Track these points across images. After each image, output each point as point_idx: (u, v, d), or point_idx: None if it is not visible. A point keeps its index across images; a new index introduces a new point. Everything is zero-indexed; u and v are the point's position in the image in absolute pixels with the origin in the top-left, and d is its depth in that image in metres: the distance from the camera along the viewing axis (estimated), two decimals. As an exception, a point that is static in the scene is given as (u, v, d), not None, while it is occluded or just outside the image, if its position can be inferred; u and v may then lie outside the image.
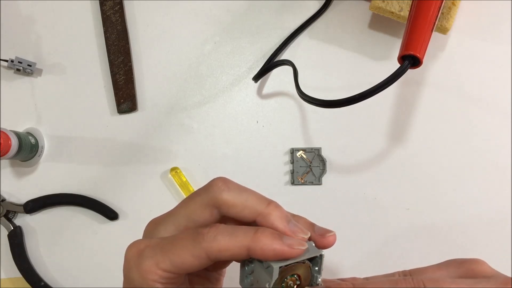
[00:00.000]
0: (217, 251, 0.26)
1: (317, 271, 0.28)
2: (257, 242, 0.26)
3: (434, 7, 0.41)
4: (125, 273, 0.29)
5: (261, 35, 0.53)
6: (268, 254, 0.26)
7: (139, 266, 0.28)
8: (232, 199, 0.28)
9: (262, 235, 0.26)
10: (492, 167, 0.50)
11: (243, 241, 0.26)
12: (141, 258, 0.28)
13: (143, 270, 0.27)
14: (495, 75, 0.51)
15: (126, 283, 0.29)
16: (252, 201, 0.28)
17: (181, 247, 0.27)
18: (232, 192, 0.28)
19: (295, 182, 0.50)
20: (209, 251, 0.26)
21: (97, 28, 0.54)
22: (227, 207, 0.28)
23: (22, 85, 0.53)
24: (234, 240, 0.26)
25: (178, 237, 0.28)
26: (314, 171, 0.50)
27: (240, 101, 0.52)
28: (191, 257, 0.27)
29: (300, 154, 0.50)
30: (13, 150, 0.47)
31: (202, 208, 0.28)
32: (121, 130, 0.52)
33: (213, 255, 0.26)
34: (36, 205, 0.51)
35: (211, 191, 0.28)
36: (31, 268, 0.50)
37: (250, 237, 0.26)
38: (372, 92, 0.38)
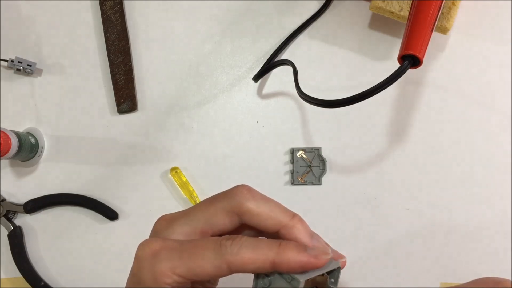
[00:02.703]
0: (240, 264, 0.26)
1: (333, 282, 0.28)
2: (282, 255, 0.25)
3: (434, 7, 0.41)
4: (135, 272, 0.28)
5: (261, 35, 0.53)
6: (294, 266, 0.25)
7: (153, 267, 0.27)
8: (257, 208, 0.27)
9: (287, 248, 0.25)
10: (492, 167, 0.50)
11: (268, 254, 0.25)
12: (156, 259, 0.27)
13: (158, 272, 0.27)
14: (495, 75, 0.51)
15: (134, 282, 0.28)
16: (277, 212, 0.27)
17: (202, 256, 0.26)
18: (257, 201, 0.27)
19: (295, 182, 0.50)
20: (232, 264, 0.26)
21: (97, 28, 0.54)
22: (251, 215, 0.27)
23: (22, 85, 0.53)
24: (258, 253, 0.26)
25: (198, 244, 0.27)
26: (314, 171, 0.50)
27: (240, 101, 0.52)
28: (211, 267, 0.26)
29: (300, 154, 0.50)
30: (13, 150, 0.47)
31: (223, 214, 0.28)
32: (121, 130, 0.52)
33: (235, 268, 0.26)
34: (36, 205, 0.51)
35: (236, 198, 0.27)
36: (31, 268, 0.50)
37: (275, 250, 0.25)
38: (372, 92, 0.38)
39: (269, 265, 0.25)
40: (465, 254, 0.49)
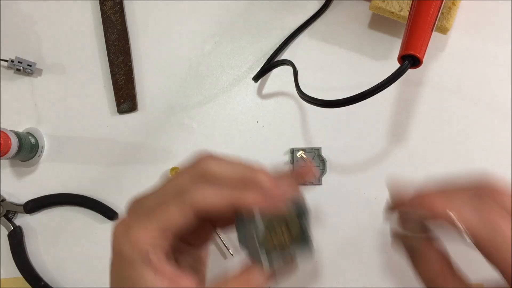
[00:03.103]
0: (202, 204, 0.26)
1: (305, 223, 0.29)
2: (242, 195, 0.27)
3: (434, 7, 0.41)
4: (116, 250, 0.29)
5: (261, 35, 0.53)
6: (252, 207, 0.27)
7: (128, 236, 0.28)
8: (219, 170, 0.28)
9: (247, 189, 0.27)
10: (492, 167, 0.50)
11: (229, 194, 0.27)
12: (128, 229, 0.28)
13: (133, 238, 0.28)
14: (495, 75, 0.51)
15: (117, 261, 0.29)
16: (240, 167, 0.28)
17: (166, 205, 0.27)
18: (218, 162, 0.28)
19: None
20: (194, 204, 0.27)
21: (97, 28, 0.54)
22: (214, 175, 0.28)
23: (22, 85, 0.53)
24: (220, 193, 0.27)
25: (162, 197, 0.28)
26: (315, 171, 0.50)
27: (240, 101, 0.52)
28: (177, 213, 0.27)
29: (300, 154, 0.50)
30: (13, 150, 0.47)
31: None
32: (121, 130, 0.52)
33: (198, 208, 0.27)
34: (36, 205, 0.51)
35: (198, 167, 0.28)
36: (31, 268, 0.50)
37: (236, 191, 0.27)
38: (372, 92, 0.38)
39: (229, 205, 0.27)
40: (466, 253, 0.49)
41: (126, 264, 0.28)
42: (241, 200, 0.27)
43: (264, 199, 0.27)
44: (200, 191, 0.27)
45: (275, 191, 0.28)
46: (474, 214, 0.29)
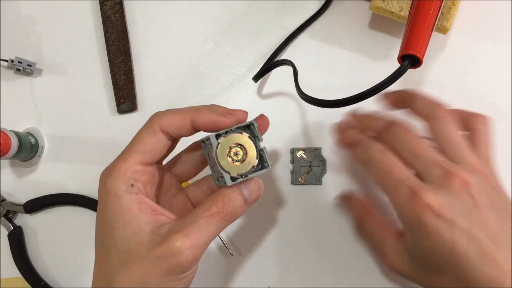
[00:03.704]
0: (167, 122, 0.33)
1: (257, 138, 0.33)
2: (198, 114, 0.33)
3: (434, 7, 0.41)
4: (101, 187, 0.32)
5: (261, 35, 0.53)
6: (206, 122, 0.32)
7: (112, 173, 0.32)
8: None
9: (202, 109, 0.33)
10: (492, 167, 0.50)
11: (188, 114, 0.33)
12: (112, 167, 0.32)
13: (116, 172, 0.31)
14: (495, 75, 0.51)
15: (103, 196, 0.32)
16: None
17: (137, 136, 0.33)
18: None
19: (295, 182, 0.50)
20: (161, 124, 0.33)
21: (97, 28, 0.54)
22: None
23: (22, 85, 0.53)
24: (180, 114, 0.33)
25: (138, 132, 0.34)
26: (314, 171, 0.50)
27: (240, 101, 0.52)
28: (149, 135, 0.33)
29: (300, 154, 0.50)
30: (13, 150, 0.47)
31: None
32: (121, 130, 0.52)
33: (164, 127, 0.33)
34: (36, 205, 0.51)
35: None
36: (31, 268, 0.50)
37: (193, 111, 0.33)
38: (372, 92, 0.38)
39: (189, 122, 0.33)
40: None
41: (111, 196, 0.31)
42: (198, 115, 0.32)
43: (216, 115, 0.32)
44: (165, 115, 0.33)
45: (226, 112, 0.34)
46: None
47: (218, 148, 0.32)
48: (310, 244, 0.49)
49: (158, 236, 0.30)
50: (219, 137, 0.32)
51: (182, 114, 0.33)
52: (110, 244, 0.31)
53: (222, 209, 0.31)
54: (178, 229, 0.30)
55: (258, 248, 0.49)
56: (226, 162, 0.32)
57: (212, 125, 0.32)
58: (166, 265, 0.29)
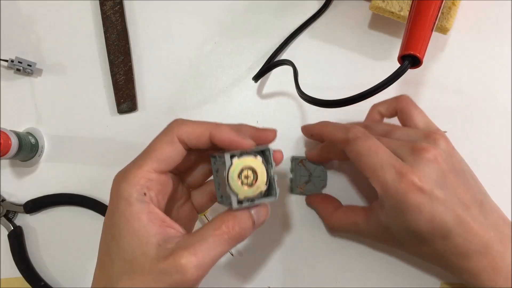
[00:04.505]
0: (185, 133, 0.32)
1: (270, 165, 0.33)
2: (217, 129, 0.32)
3: (434, 7, 0.41)
4: (114, 191, 0.32)
5: (261, 35, 0.53)
6: (225, 140, 0.32)
7: (126, 178, 0.31)
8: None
9: (222, 126, 0.33)
10: (492, 167, 0.50)
11: (208, 127, 0.33)
12: (126, 172, 0.32)
13: (130, 178, 0.31)
14: (495, 75, 0.51)
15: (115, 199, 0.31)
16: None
17: (158, 142, 0.33)
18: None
19: (294, 191, 0.49)
20: (179, 134, 0.32)
21: (97, 28, 0.54)
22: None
23: (22, 85, 0.53)
24: (200, 126, 0.33)
25: (152, 140, 0.33)
26: (314, 182, 0.49)
27: (240, 101, 0.52)
28: (166, 144, 0.32)
29: (301, 163, 0.49)
30: (13, 150, 0.47)
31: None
32: (121, 130, 0.52)
33: (182, 136, 0.32)
34: (36, 205, 0.51)
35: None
36: (31, 268, 0.50)
37: (214, 125, 0.33)
38: (372, 92, 0.38)
39: (207, 136, 0.32)
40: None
41: (123, 202, 0.31)
42: (217, 131, 0.32)
43: (236, 135, 0.32)
44: (184, 124, 0.33)
45: (255, 131, 0.34)
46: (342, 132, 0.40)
47: (231, 169, 0.31)
48: (309, 244, 0.49)
49: (165, 251, 0.29)
50: (233, 157, 0.31)
51: (202, 126, 0.33)
52: (115, 250, 0.30)
53: (231, 229, 0.31)
54: (186, 246, 0.29)
55: (258, 248, 0.49)
56: (236, 184, 0.31)
57: (230, 144, 0.32)
58: (169, 281, 0.29)
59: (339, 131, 0.40)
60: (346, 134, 0.38)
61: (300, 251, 0.49)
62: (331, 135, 0.41)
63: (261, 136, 0.35)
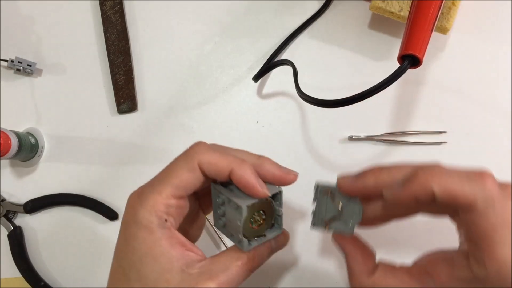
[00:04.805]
0: (207, 162, 0.31)
1: (278, 204, 0.32)
2: (240, 168, 0.30)
3: (434, 7, 0.41)
4: (130, 216, 0.31)
5: (261, 35, 0.53)
6: (244, 182, 0.30)
7: (144, 204, 0.30)
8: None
9: (245, 165, 0.31)
10: (492, 167, 0.50)
11: (231, 162, 0.31)
12: (143, 197, 0.31)
13: (149, 204, 0.30)
14: (495, 75, 0.51)
15: (131, 226, 0.30)
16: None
17: (176, 168, 0.31)
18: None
19: (317, 225, 0.36)
20: (201, 162, 0.31)
21: (97, 28, 0.54)
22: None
23: (22, 85, 0.53)
24: (223, 160, 0.31)
25: (171, 163, 0.32)
26: (345, 219, 0.35)
27: (240, 101, 0.52)
28: (186, 172, 0.31)
29: (328, 195, 0.35)
30: (13, 150, 0.47)
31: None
32: (121, 130, 0.52)
33: (204, 167, 0.31)
34: (36, 205, 0.51)
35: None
36: (31, 268, 0.50)
37: (237, 163, 0.31)
38: (372, 92, 0.38)
39: (227, 171, 0.30)
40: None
41: (143, 229, 0.30)
42: (238, 170, 0.30)
43: (256, 180, 0.30)
44: (207, 154, 0.31)
45: (277, 170, 0.32)
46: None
47: (246, 216, 0.30)
48: (309, 244, 0.49)
49: (189, 277, 0.29)
50: (247, 205, 0.30)
51: (225, 160, 0.31)
52: (134, 277, 0.30)
53: (252, 261, 0.32)
54: (211, 275, 0.30)
55: (258, 248, 0.49)
56: (248, 229, 0.31)
57: (247, 188, 0.30)
58: None
59: (460, 182, 0.27)
60: (475, 189, 0.27)
61: (300, 251, 0.49)
62: (450, 189, 0.27)
63: (283, 179, 0.32)
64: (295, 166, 0.50)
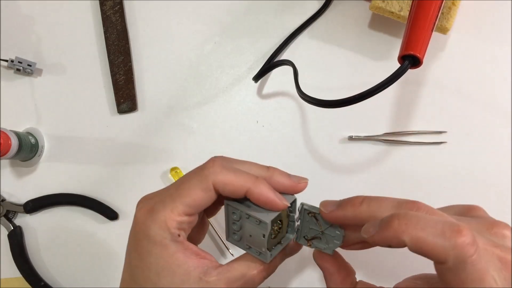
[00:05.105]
0: (222, 183, 0.30)
1: (293, 211, 0.33)
2: (256, 187, 0.30)
3: (434, 7, 0.41)
4: (141, 233, 0.31)
5: (261, 35, 0.53)
6: (262, 200, 0.30)
7: (156, 220, 0.30)
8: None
9: (260, 183, 0.31)
10: (492, 167, 0.50)
11: (246, 182, 0.30)
12: (154, 213, 0.31)
13: (161, 221, 0.30)
14: (495, 75, 0.51)
15: (143, 242, 0.31)
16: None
17: (190, 186, 0.31)
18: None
19: (299, 240, 0.36)
20: (215, 182, 0.30)
21: (97, 28, 0.54)
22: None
23: (22, 85, 0.53)
24: (238, 179, 0.31)
25: (184, 180, 0.31)
26: (326, 240, 0.36)
27: (240, 101, 0.52)
28: (200, 191, 0.30)
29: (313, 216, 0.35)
30: (13, 150, 0.47)
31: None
32: (121, 130, 0.52)
33: (218, 187, 0.30)
34: (36, 205, 0.51)
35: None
36: (31, 268, 0.50)
37: (252, 181, 0.31)
38: (372, 92, 0.38)
39: (243, 191, 0.30)
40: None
41: (157, 245, 0.30)
42: (255, 189, 0.30)
43: (274, 195, 0.31)
44: (221, 174, 0.30)
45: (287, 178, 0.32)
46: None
47: (270, 230, 0.31)
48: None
49: (207, 284, 0.30)
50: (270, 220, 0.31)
51: (240, 180, 0.31)
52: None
53: (268, 267, 0.33)
54: (228, 282, 0.30)
55: (258, 248, 0.49)
56: (269, 241, 0.32)
57: (267, 204, 0.31)
58: None
59: (433, 236, 0.25)
60: (447, 246, 0.25)
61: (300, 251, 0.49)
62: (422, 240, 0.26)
63: (294, 189, 0.33)
64: (295, 166, 0.51)
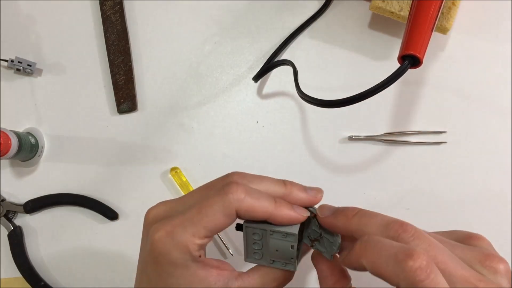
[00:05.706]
0: (244, 211, 0.30)
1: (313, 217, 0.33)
2: (278, 211, 0.31)
3: (434, 7, 0.41)
4: (161, 255, 0.31)
5: (261, 35, 0.53)
6: (285, 220, 0.31)
7: (177, 245, 0.30)
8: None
9: (282, 206, 0.31)
10: (492, 167, 0.50)
11: (268, 208, 0.31)
12: (175, 237, 0.30)
13: (183, 246, 0.30)
14: (495, 75, 0.51)
15: (164, 264, 0.31)
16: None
17: (212, 212, 0.30)
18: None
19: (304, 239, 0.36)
20: (238, 209, 0.30)
21: (97, 28, 0.54)
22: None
23: (22, 85, 0.53)
24: (260, 205, 0.31)
25: (205, 203, 0.31)
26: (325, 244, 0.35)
27: (240, 101, 0.52)
28: (223, 217, 0.30)
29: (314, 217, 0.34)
30: (13, 150, 0.47)
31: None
32: (121, 130, 0.52)
33: (241, 213, 0.30)
34: (36, 205, 0.51)
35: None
36: (31, 268, 0.50)
37: (273, 206, 0.31)
38: (372, 92, 0.38)
39: (266, 216, 0.31)
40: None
41: (178, 268, 0.30)
42: (277, 214, 0.31)
43: (296, 215, 0.31)
44: (245, 202, 0.30)
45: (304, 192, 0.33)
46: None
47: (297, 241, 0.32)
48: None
49: None
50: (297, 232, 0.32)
51: (263, 207, 0.31)
52: None
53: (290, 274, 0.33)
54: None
55: (258, 248, 0.49)
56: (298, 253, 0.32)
57: (289, 222, 0.32)
58: None
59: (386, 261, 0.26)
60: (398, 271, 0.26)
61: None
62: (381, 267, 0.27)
63: (311, 202, 0.34)
64: (295, 166, 0.51)
